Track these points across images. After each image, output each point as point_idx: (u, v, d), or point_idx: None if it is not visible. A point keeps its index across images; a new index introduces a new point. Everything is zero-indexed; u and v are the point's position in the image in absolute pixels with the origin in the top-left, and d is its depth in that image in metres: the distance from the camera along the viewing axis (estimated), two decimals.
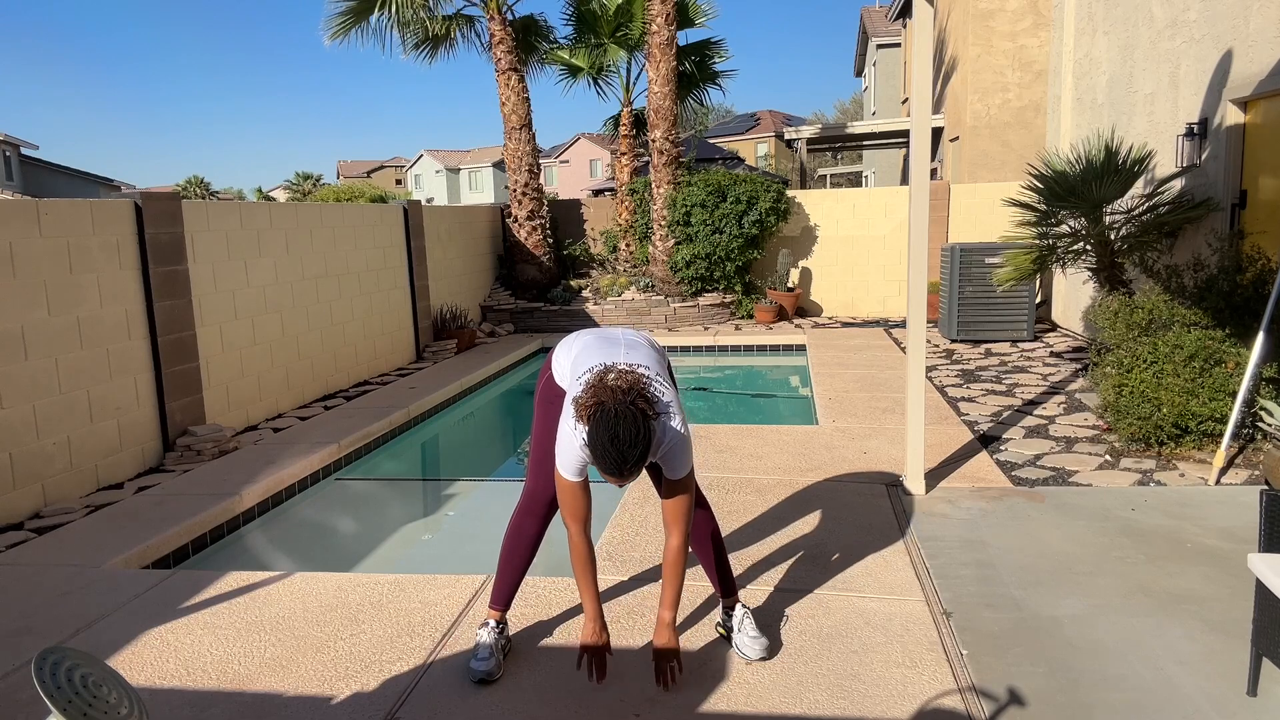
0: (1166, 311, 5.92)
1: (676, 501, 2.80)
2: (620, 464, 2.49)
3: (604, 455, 2.49)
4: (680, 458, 2.76)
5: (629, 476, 2.54)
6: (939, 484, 4.87)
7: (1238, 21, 6.23)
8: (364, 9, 11.60)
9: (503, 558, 3.15)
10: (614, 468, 2.50)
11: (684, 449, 2.76)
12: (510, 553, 3.14)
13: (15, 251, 4.99)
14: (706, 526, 3.16)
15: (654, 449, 2.69)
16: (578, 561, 2.84)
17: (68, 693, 1.67)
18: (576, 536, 2.83)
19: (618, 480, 2.55)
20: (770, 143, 44.00)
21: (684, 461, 2.77)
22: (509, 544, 3.14)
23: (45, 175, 33.37)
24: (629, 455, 2.48)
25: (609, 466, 2.51)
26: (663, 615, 2.87)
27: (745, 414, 7.79)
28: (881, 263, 12.24)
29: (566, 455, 2.73)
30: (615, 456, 2.48)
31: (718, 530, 3.21)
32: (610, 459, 2.49)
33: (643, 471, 2.63)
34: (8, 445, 4.90)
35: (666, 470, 2.79)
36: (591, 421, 2.51)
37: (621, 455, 2.47)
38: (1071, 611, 3.35)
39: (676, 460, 2.76)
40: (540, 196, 12.38)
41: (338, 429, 6.52)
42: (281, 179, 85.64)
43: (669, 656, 2.85)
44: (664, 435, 2.71)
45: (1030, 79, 13.68)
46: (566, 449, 2.72)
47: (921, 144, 4.54)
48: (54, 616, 3.62)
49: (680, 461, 2.76)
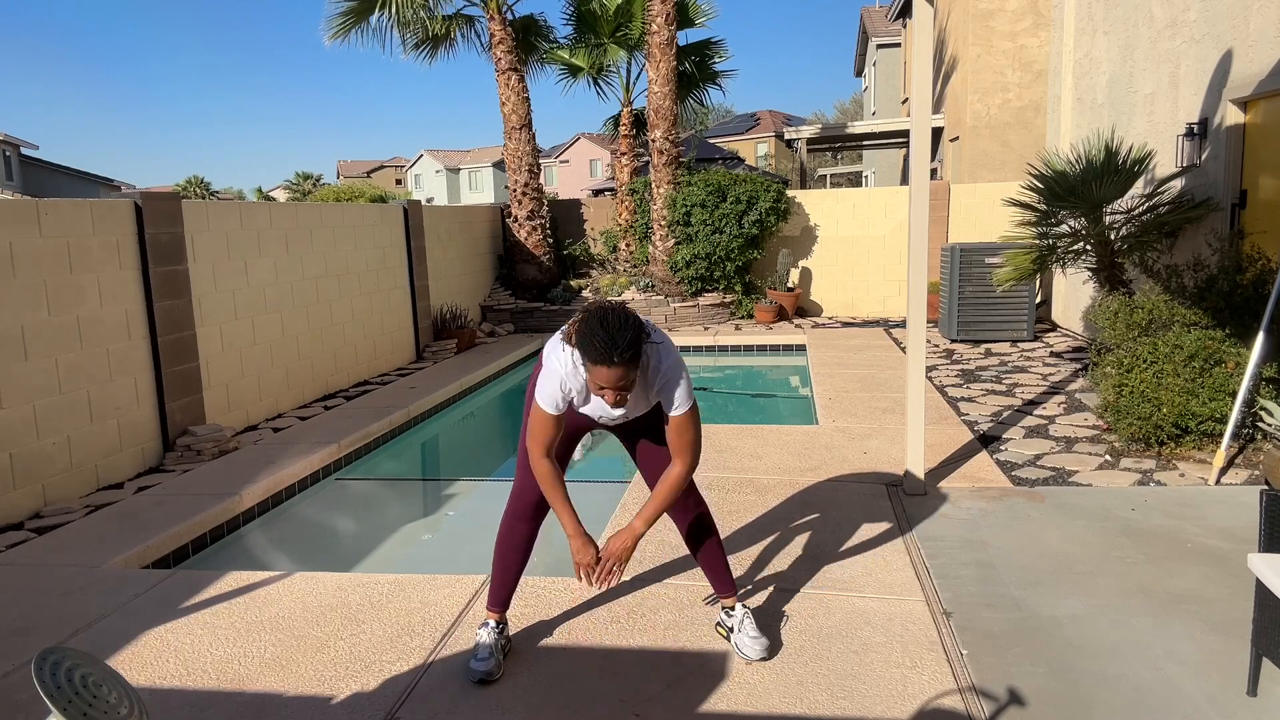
0: (1166, 311, 5.92)
1: (682, 434, 2.82)
2: (610, 346, 2.50)
3: (593, 339, 2.52)
4: (679, 388, 2.77)
5: (621, 366, 2.52)
6: (939, 484, 4.87)
7: (1238, 21, 6.23)
8: (364, 9, 11.60)
9: (496, 562, 3.13)
10: (603, 350, 2.50)
11: (682, 377, 2.78)
12: (503, 557, 3.12)
13: (15, 251, 4.99)
14: (704, 527, 3.16)
15: (652, 372, 2.73)
16: (546, 484, 2.85)
17: (68, 693, 1.67)
18: (540, 460, 2.82)
19: (611, 380, 2.53)
20: (770, 143, 43.99)
21: (684, 394, 2.78)
22: (501, 548, 3.12)
23: (45, 175, 33.37)
24: (618, 338, 2.51)
25: (598, 350, 2.51)
26: (634, 524, 2.87)
27: (745, 414, 7.79)
28: (881, 263, 12.24)
29: (548, 385, 2.76)
30: (604, 338, 2.50)
31: (716, 531, 3.20)
32: (599, 340, 2.51)
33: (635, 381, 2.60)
34: (8, 445, 4.90)
35: (666, 405, 2.80)
36: (582, 318, 2.58)
37: (611, 337, 2.50)
38: (1071, 611, 3.35)
39: (675, 390, 2.77)
40: (540, 196, 12.38)
41: (338, 429, 6.52)
42: (281, 179, 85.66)
43: (617, 556, 2.85)
44: (660, 360, 2.74)
45: (1030, 79, 13.68)
46: (549, 377, 2.76)
47: (921, 144, 4.54)
48: (54, 616, 3.62)
49: (680, 393, 2.77)
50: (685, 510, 3.12)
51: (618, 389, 2.58)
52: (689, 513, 3.13)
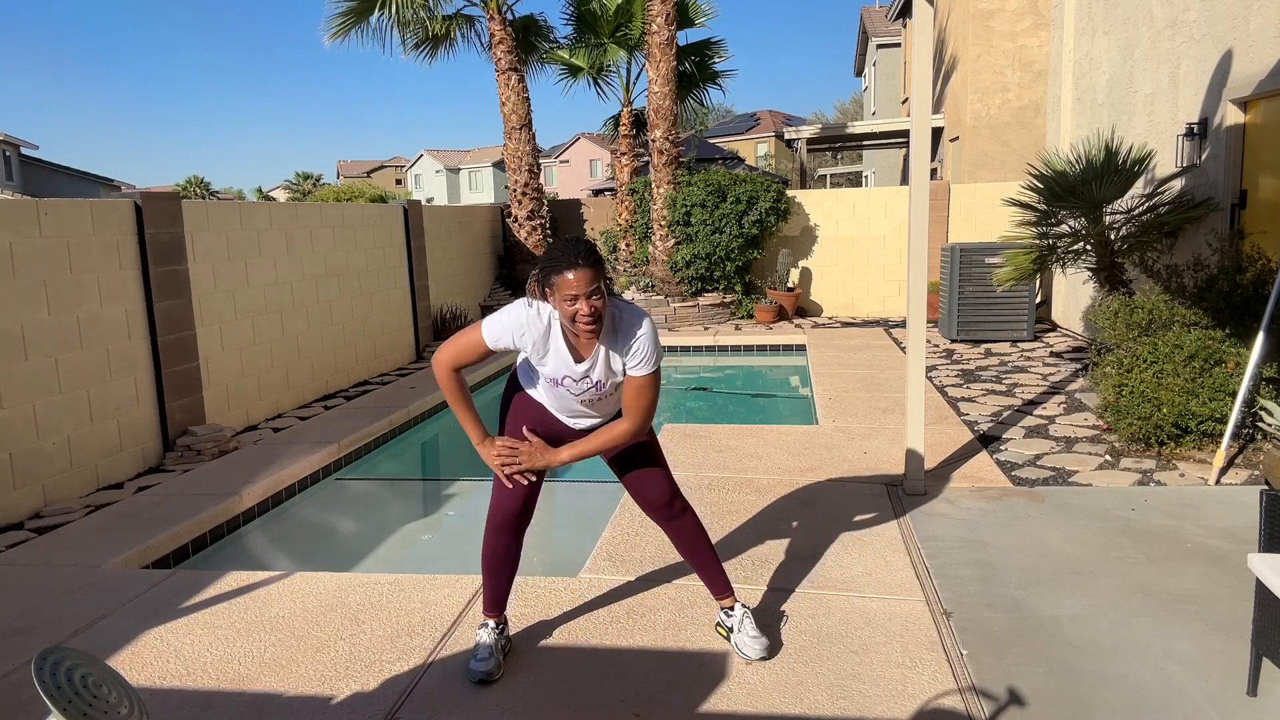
0: (1166, 311, 5.92)
1: (639, 396, 2.83)
2: (573, 250, 2.61)
3: (554, 251, 2.64)
4: (649, 350, 2.78)
5: (588, 269, 2.59)
6: (939, 484, 4.87)
7: (1238, 21, 6.23)
8: (364, 9, 11.60)
9: (485, 572, 3.10)
10: (568, 253, 2.60)
11: (654, 341, 2.80)
12: (492, 570, 3.08)
13: (15, 251, 4.99)
14: (693, 530, 3.14)
15: (625, 325, 2.78)
16: (450, 395, 2.88)
17: (68, 693, 1.67)
18: (446, 372, 2.85)
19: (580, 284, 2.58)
20: (770, 143, 43.99)
21: (652, 356, 2.80)
22: (487, 561, 3.07)
23: (45, 175, 33.37)
24: (579, 245, 2.63)
25: (562, 255, 2.60)
26: (560, 451, 2.90)
27: (745, 414, 7.79)
28: (881, 263, 12.24)
29: (499, 319, 2.80)
30: (565, 247, 2.63)
31: (705, 533, 3.18)
32: (560, 249, 2.63)
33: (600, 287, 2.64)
34: (8, 445, 4.90)
35: (633, 365, 2.80)
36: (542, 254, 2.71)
37: (572, 245, 2.63)
38: (1071, 611, 3.35)
39: (645, 350, 2.78)
40: (540, 196, 12.38)
41: (338, 429, 6.52)
42: (281, 179, 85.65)
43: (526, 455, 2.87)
44: (635, 317, 2.79)
45: (1030, 79, 13.68)
46: (504, 314, 2.81)
47: (921, 144, 4.54)
48: (54, 616, 3.62)
49: (649, 354, 2.79)
50: (671, 516, 3.10)
51: (588, 297, 2.61)
52: (675, 518, 3.11)
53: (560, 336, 2.79)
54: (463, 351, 2.82)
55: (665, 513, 3.09)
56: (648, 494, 3.08)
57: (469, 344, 2.82)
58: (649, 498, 3.09)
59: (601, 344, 2.80)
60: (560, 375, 2.86)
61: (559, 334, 2.79)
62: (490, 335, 2.79)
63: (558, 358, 2.82)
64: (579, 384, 2.87)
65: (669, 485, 3.09)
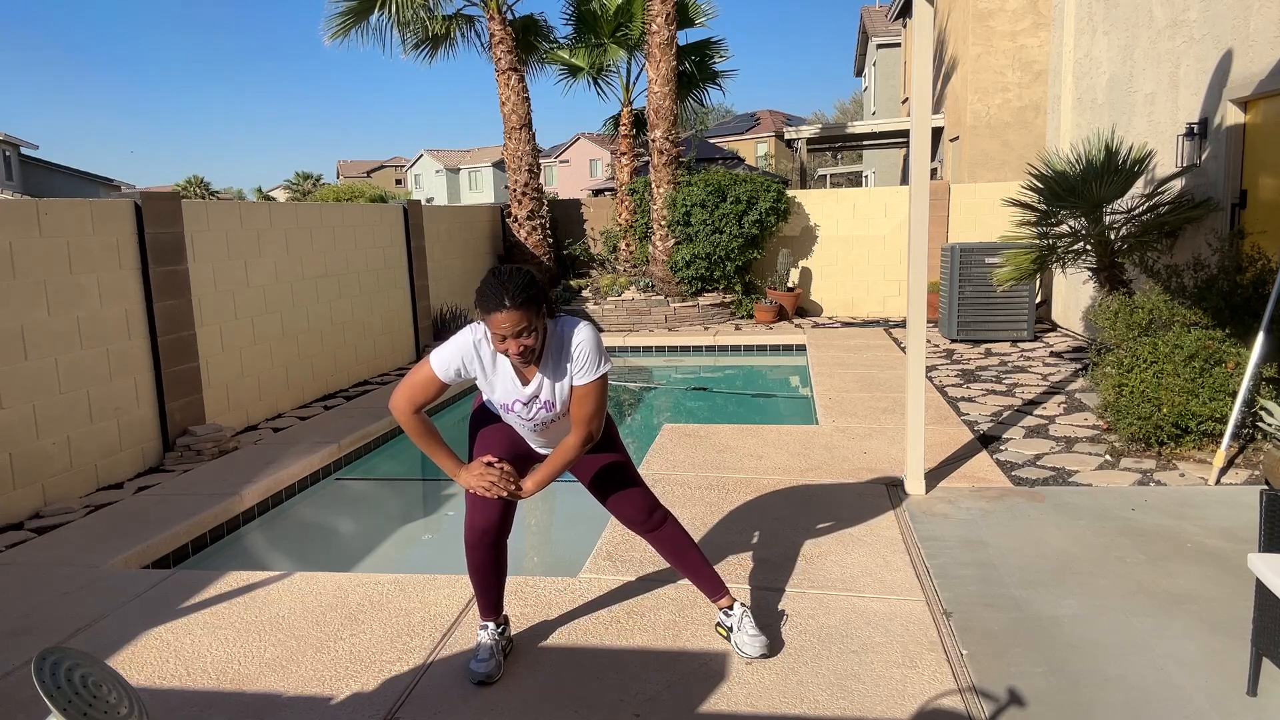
0: (1166, 311, 5.92)
1: (581, 405, 2.83)
2: (500, 289, 2.60)
3: (486, 289, 2.64)
4: (589, 359, 2.79)
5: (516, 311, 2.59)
6: (939, 484, 4.87)
7: (1238, 21, 6.23)
8: (364, 9, 11.60)
9: (474, 585, 3.07)
10: (495, 294, 2.60)
11: (594, 350, 2.80)
12: (480, 582, 3.05)
13: (15, 251, 4.99)
14: (675, 536, 3.13)
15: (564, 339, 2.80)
16: (418, 438, 2.87)
17: (68, 693, 1.67)
18: (408, 416, 2.84)
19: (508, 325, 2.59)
20: (770, 143, 44.00)
21: (592, 365, 2.80)
22: (473, 574, 3.04)
23: (45, 175, 33.35)
24: (509, 284, 2.61)
25: (491, 296, 2.61)
26: (525, 483, 2.90)
27: (745, 414, 7.79)
28: (881, 263, 12.23)
29: (446, 350, 2.81)
30: (495, 284, 2.63)
31: (688, 536, 3.17)
32: (490, 288, 2.62)
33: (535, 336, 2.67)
34: (8, 445, 4.90)
35: (577, 375, 2.81)
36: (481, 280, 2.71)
37: (501, 283, 2.62)
38: (1071, 611, 3.35)
39: (585, 359, 2.79)
40: (540, 196, 12.37)
41: (338, 429, 6.52)
42: (281, 179, 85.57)
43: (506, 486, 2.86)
44: (572, 330, 2.80)
45: (1030, 79, 13.68)
46: (451, 344, 2.82)
47: (921, 144, 4.54)
48: (54, 616, 3.62)
49: (589, 363, 2.79)
50: (651, 528, 3.10)
51: (516, 337, 2.62)
52: (655, 528, 3.11)
53: (506, 359, 2.82)
54: (418, 390, 2.81)
55: (645, 525, 3.10)
56: (626, 513, 3.10)
57: (421, 381, 2.81)
58: (628, 516, 3.10)
59: (548, 362, 2.82)
60: (510, 400, 2.88)
61: (504, 357, 2.81)
62: (440, 366, 2.79)
63: (505, 382, 2.85)
64: (528, 407, 2.89)
65: (645, 500, 3.10)
